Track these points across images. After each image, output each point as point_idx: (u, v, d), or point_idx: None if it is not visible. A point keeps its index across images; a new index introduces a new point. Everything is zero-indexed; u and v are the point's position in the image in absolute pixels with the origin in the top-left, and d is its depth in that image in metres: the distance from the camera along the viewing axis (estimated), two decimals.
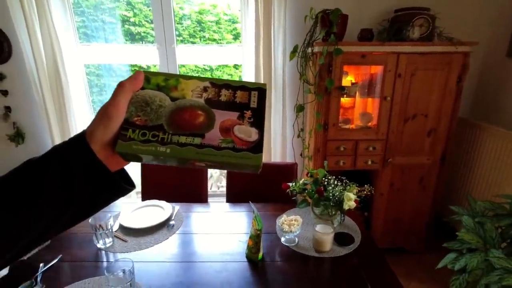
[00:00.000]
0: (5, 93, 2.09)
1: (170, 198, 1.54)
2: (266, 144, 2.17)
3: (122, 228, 1.30)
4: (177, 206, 1.48)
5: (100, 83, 3.72)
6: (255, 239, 1.07)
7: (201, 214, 1.45)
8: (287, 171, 1.67)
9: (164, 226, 1.32)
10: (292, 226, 1.15)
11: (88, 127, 0.36)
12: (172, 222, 1.34)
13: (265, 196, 1.58)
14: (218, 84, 0.41)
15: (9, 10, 1.81)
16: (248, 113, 0.39)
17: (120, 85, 0.37)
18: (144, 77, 0.40)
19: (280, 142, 2.14)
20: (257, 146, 0.37)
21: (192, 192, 1.69)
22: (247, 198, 1.43)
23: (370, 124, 1.94)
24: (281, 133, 2.12)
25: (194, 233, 1.29)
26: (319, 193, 1.19)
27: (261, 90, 0.42)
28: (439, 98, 1.80)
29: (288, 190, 1.26)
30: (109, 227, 1.19)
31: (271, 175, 1.66)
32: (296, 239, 1.19)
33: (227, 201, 1.70)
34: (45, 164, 0.34)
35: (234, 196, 1.69)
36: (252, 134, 0.38)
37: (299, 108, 1.98)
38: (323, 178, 1.25)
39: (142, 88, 0.40)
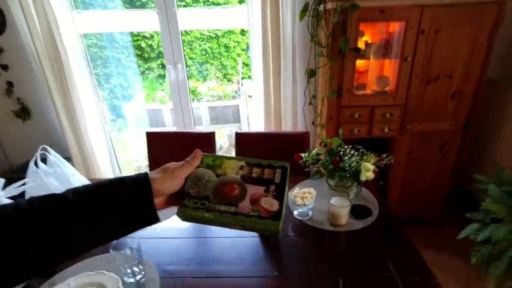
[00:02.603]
0: (5, 67, 2.02)
1: None
2: (276, 112, 2.07)
3: None
4: None
5: (104, 55, 3.61)
6: None
7: None
8: (299, 140, 1.59)
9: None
10: (305, 199, 1.09)
11: (154, 180, 0.47)
12: None
13: None
14: (251, 163, 0.53)
15: None
16: (272, 188, 0.50)
17: (187, 162, 0.52)
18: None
19: (290, 110, 2.03)
20: (277, 215, 0.47)
21: None
22: None
23: (387, 88, 1.80)
24: (292, 101, 2.01)
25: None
26: (334, 164, 1.11)
27: (284, 168, 0.52)
28: (466, 56, 1.63)
29: (300, 161, 1.18)
30: None
31: (282, 145, 1.58)
32: (310, 212, 1.14)
33: None
34: (117, 196, 0.45)
35: None
36: (274, 205, 0.48)
37: (310, 73, 1.85)
38: (338, 148, 1.17)
39: (198, 167, 0.53)
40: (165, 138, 1.63)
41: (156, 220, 0.47)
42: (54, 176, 1.14)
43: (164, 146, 1.64)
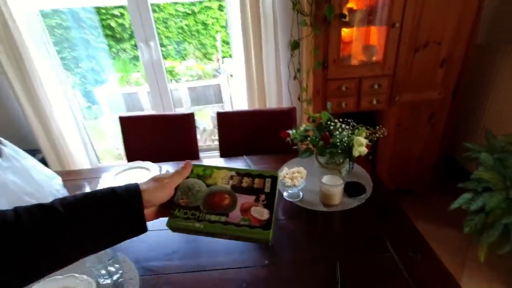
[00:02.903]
0: None
1: (159, 158, 1.38)
2: (259, 89, 1.95)
3: None
4: (165, 166, 1.32)
5: (70, 37, 3.33)
6: None
7: None
8: (285, 117, 1.49)
9: None
10: (295, 179, 1.01)
11: (145, 191, 0.46)
12: None
13: (262, 147, 1.43)
14: (241, 173, 0.52)
15: None
16: (263, 197, 0.49)
17: (178, 172, 0.51)
18: None
19: (274, 86, 1.92)
20: (268, 224, 0.46)
21: (182, 150, 1.53)
22: (243, 151, 1.28)
23: (374, 58, 1.71)
24: (275, 76, 1.89)
25: None
26: (324, 139, 1.02)
27: (274, 178, 0.51)
28: (456, 19, 1.54)
29: (288, 138, 1.09)
30: None
31: (268, 123, 1.49)
32: (301, 193, 1.06)
33: (221, 155, 1.55)
34: (108, 206, 0.43)
35: (229, 149, 1.54)
36: (264, 214, 0.47)
37: (294, 45, 1.73)
38: (327, 122, 1.08)
39: (188, 177, 0.52)
40: (140, 122, 1.50)
41: (144, 230, 0.46)
42: (12, 171, 1.01)
43: (140, 131, 1.51)
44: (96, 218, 0.42)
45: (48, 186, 1.04)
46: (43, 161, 2.15)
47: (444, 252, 1.69)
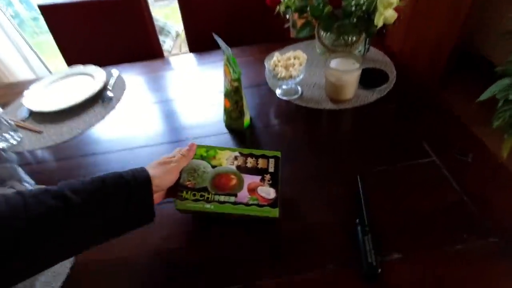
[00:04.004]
0: None
1: (107, 59, 1.04)
2: None
3: (33, 114, 0.85)
4: (115, 70, 0.99)
5: None
6: (233, 97, 0.65)
7: (153, 75, 0.98)
8: None
9: (96, 101, 0.87)
10: (290, 67, 0.70)
11: (154, 177, 0.44)
12: (109, 93, 0.89)
13: (243, 34, 1.08)
14: (245, 154, 0.54)
15: None
16: (268, 177, 0.52)
17: (184, 156, 0.51)
18: None
19: None
20: (275, 202, 0.49)
21: (137, 46, 1.16)
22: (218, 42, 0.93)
23: None
24: None
25: (144, 104, 0.85)
26: (333, 2, 0.68)
27: (276, 158, 0.54)
28: None
29: (277, 8, 0.74)
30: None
31: (249, 2, 1.10)
32: (299, 88, 0.77)
33: (191, 50, 1.20)
34: (117, 193, 0.40)
35: (199, 41, 1.18)
36: (271, 193, 0.50)
37: None
38: None
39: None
40: (71, 11, 1.08)
41: (153, 217, 0.43)
42: None
43: (73, 25, 1.11)
44: (106, 207, 0.38)
45: None
46: None
47: None
